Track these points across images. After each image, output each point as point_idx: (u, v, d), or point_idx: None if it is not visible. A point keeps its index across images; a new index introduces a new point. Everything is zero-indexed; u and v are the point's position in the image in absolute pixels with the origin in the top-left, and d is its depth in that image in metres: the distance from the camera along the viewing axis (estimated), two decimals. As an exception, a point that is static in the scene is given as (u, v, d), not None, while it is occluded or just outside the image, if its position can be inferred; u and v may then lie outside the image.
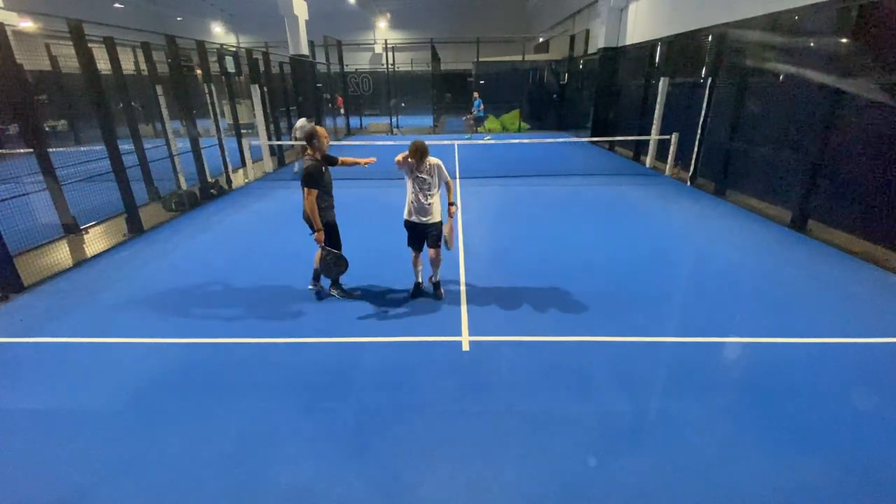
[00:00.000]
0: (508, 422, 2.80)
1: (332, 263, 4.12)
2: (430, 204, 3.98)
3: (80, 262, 5.45)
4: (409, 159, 3.77)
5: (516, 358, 3.45)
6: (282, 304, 4.35)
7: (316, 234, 3.96)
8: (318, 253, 4.14)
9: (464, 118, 16.35)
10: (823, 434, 2.66)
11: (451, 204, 4.06)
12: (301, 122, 11.06)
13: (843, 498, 2.27)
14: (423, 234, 4.13)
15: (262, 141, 11.02)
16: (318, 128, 3.93)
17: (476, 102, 15.44)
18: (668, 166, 9.97)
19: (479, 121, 15.52)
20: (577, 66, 16.88)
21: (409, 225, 4.12)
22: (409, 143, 3.79)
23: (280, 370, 3.35)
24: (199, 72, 8.89)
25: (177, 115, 8.63)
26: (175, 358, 3.52)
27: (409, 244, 4.23)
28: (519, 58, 19.77)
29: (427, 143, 3.78)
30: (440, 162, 3.90)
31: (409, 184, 3.97)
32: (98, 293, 4.65)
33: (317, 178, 3.85)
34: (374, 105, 24.12)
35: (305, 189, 3.84)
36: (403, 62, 24.61)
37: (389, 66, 19.71)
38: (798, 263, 5.16)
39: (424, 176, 3.89)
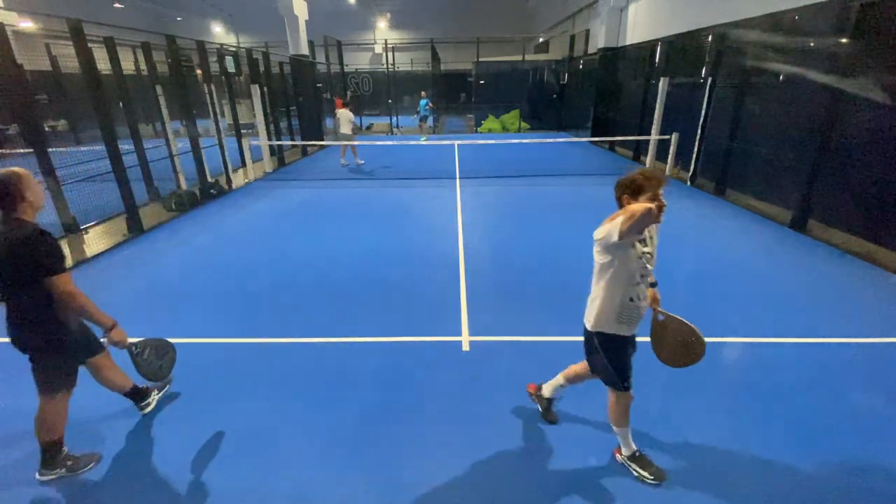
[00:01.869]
0: (509, 422, 2.81)
1: (157, 356, 2.81)
2: (647, 296, 2.20)
3: (80, 262, 5.45)
4: (650, 202, 1.92)
5: (516, 358, 3.46)
6: (281, 304, 4.35)
7: (114, 330, 2.40)
8: (43, 412, 2.41)
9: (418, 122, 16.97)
10: (823, 434, 2.66)
11: None
12: (347, 113, 10.72)
13: (842, 498, 2.26)
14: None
15: (262, 141, 11.02)
16: (22, 172, 2.12)
17: (422, 102, 15.84)
18: (668, 166, 9.96)
19: (424, 119, 16.11)
20: (577, 67, 16.88)
21: (623, 344, 2.22)
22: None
23: (280, 370, 3.35)
24: (199, 72, 8.90)
25: (177, 115, 8.63)
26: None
27: (627, 381, 2.28)
28: (519, 58, 19.80)
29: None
30: None
31: (619, 270, 2.07)
32: (98, 293, 4.59)
33: (62, 254, 2.18)
34: (374, 105, 24.14)
35: (54, 277, 2.10)
36: (403, 62, 24.61)
37: (389, 67, 19.73)
38: (798, 263, 5.17)
39: (649, 249, 2.09)
